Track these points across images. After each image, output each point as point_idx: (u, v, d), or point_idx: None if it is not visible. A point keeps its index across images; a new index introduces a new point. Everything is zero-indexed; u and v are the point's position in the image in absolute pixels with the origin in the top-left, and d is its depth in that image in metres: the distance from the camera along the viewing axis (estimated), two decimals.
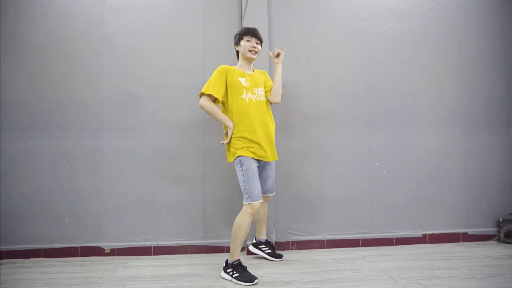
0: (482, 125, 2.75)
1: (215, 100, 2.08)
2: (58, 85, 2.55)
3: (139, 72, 2.59)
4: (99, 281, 1.97)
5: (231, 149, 2.06)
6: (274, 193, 2.32)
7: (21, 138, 2.51)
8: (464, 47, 2.78)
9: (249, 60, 2.15)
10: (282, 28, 2.68)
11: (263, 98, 2.13)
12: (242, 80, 2.08)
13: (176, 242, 2.53)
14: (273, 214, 2.54)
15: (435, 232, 2.66)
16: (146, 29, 2.62)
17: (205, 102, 2.02)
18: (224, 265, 2.02)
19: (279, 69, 2.17)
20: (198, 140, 2.59)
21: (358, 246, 2.60)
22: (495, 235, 2.70)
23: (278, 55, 2.19)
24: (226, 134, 2.09)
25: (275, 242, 2.54)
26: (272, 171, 2.21)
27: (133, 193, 2.54)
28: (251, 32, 2.10)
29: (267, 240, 2.35)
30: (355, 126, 2.67)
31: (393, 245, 2.61)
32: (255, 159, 2.06)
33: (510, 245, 2.56)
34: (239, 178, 2.03)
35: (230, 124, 2.04)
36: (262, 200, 2.02)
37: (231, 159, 2.09)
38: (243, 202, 2.00)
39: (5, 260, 2.42)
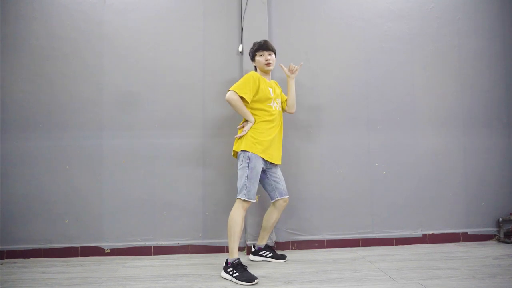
0: (482, 125, 2.75)
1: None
2: (58, 85, 2.55)
3: (139, 72, 2.59)
4: (99, 281, 1.97)
5: (246, 140, 2.09)
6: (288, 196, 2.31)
7: (21, 138, 2.51)
8: (464, 47, 2.78)
9: (267, 72, 2.27)
10: (282, 28, 2.68)
11: (280, 108, 2.30)
12: (271, 90, 2.21)
13: (176, 242, 2.53)
14: None
15: (435, 232, 2.66)
16: (146, 29, 2.62)
17: (234, 96, 2.08)
18: (224, 264, 2.02)
19: (293, 83, 2.34)
20: (198, 140, 2.59)
21: (358, 246, 2.60)
22: (495, 235, 2.70)
23: (293, 71, 2.32)
24: (241, 128, 2.17)
25: (275, 242, 2.54)
26: (281, 174, 2.29)
27: (133, 193, 2.54)
28: (262, 47, 2.21)
29: (266, 244, 2.36)
30: (355, 126, 2.67)
31: (393, 245, 2.61)
32: (263, 160, 2.12)
33: (510, 245, 2.56)
34: (240, 173, 2.07)
35: (252, 119, 2.13)
36: (255, 201, 2.11)
37: (239, 147, 2.11)
38: (238, 197, 2.04)
39: (5, 260, 2.42)
